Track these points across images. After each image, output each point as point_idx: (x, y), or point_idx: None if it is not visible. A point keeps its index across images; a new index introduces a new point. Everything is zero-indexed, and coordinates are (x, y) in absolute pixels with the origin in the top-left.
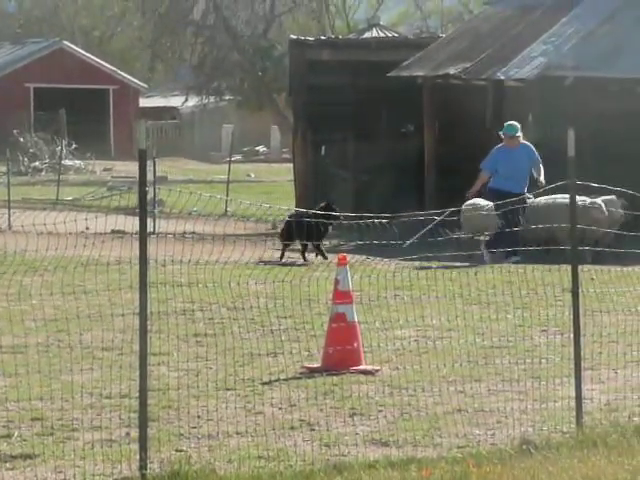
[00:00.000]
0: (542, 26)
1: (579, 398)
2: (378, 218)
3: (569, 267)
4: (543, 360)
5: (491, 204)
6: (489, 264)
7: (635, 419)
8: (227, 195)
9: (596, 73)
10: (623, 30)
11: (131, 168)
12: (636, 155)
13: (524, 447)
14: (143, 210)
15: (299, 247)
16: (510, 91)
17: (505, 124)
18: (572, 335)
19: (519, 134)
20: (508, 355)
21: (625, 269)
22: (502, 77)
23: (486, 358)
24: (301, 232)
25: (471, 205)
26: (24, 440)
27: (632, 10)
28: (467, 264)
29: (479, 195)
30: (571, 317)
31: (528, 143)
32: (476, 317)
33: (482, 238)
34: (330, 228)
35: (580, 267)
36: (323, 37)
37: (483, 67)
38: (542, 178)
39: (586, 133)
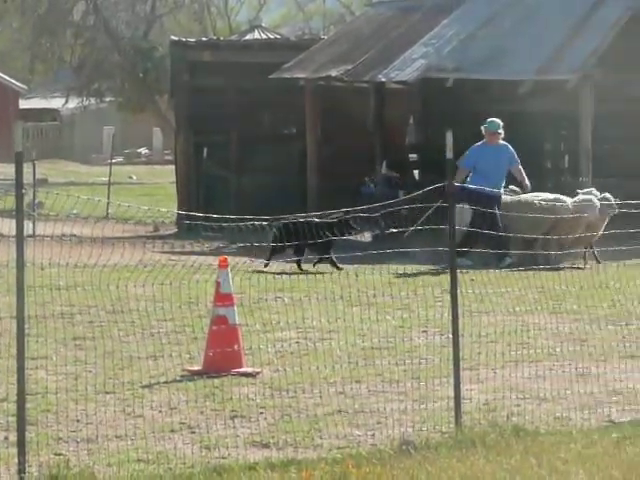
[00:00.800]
0: (423, 28)
1: (458, 398)
2: (258, 220)
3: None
4: (423, 361)
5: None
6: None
7: (513, 419)
8: (108, 197)
9: (476, 75)
10: (503, 32)
11: (9, 170)
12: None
13: (403, 447)
14: (20, 213)
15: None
16: (392, 93)
17: (487, 120)
18: (451, 336)
19: (501, 131)
20: (388, 356)
21: (505, 270)
22: (383, 79)
23: (366, 359)
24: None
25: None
26: None
27: (511, 13)
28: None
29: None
30: (450, 318)
31: (508, 145)
32: (357, 318)
33: None
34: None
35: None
36: (204, 38)
37: (365, 69)
38: (527, 181)
39: (467, 135)
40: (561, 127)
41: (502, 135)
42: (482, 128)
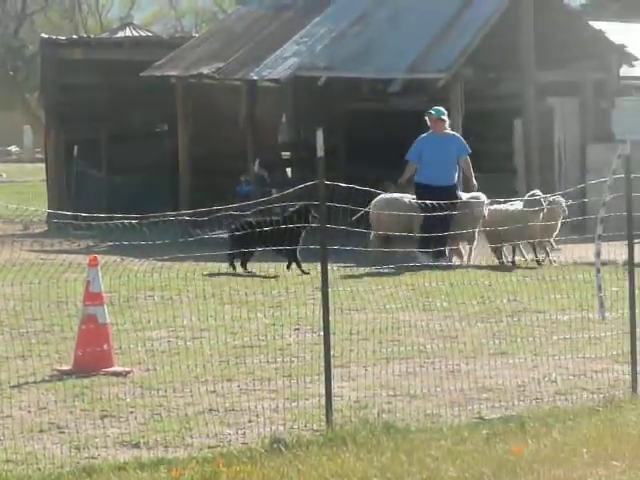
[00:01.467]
0: (295, 26)
1: (329, 396)
2: (127, 219)
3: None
4: (294, 359)
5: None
6: (428, 263)
7: (384, 416)
8: None
9: (347, 73)
10: (374, 30)
11: None
12: (388, 154)
13: (274, 445)
14: None
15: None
16: (264, 91)
17: (432, 108)
18: (322, 333)
19: (445, 118)
20: (260, 354)
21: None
22: (255, 77)
23: (238, 357)
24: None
25: (386, 200)
26: None
27: (382, 11)
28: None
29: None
30: (321, 316)
31: (457, 134)
32: (229, 317)
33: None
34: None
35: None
36: (75, 36)
37: (237, 67)
38: (475, 181)
39: (339, 133)
40: None
41: (447, 123)
42: (426, 118)
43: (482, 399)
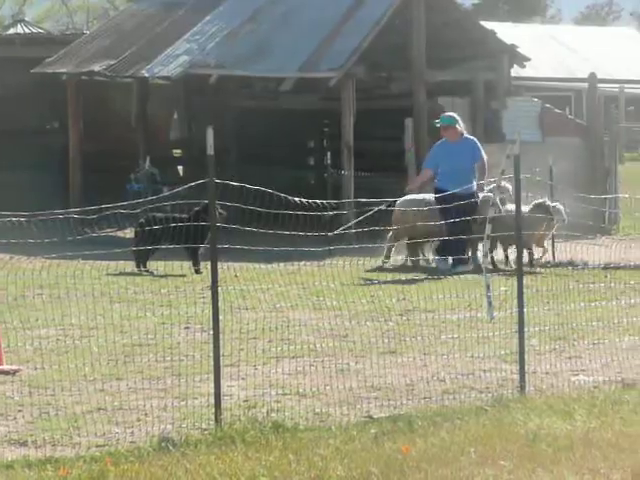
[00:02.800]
0: (186, 24)
1: (218, 395)
2: (16, 216)
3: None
4: (184, 357)
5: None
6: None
7: (273, 415)
8: None
9: (239, 72)
10: (266, 29)
11: None
12: (277, 153)
13: (163, 444)
14: None
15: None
16: (155, 89)
17: (441, 114)
18: (212, 332)
19: (457, 124)
20: (149, 353)
21: (270, 266)
22: (146, 75)
23: (127, 356)
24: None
25: (407, 202)
26: None
27: (274, 10)
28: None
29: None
30: (211, 314)
31: (473, 138)
32: (118, 315)
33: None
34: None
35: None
36: None
37: (128, 64)
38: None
39: (230, 131)
40: (323, 124)
41: (459, 129)
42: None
43: (371, 398)
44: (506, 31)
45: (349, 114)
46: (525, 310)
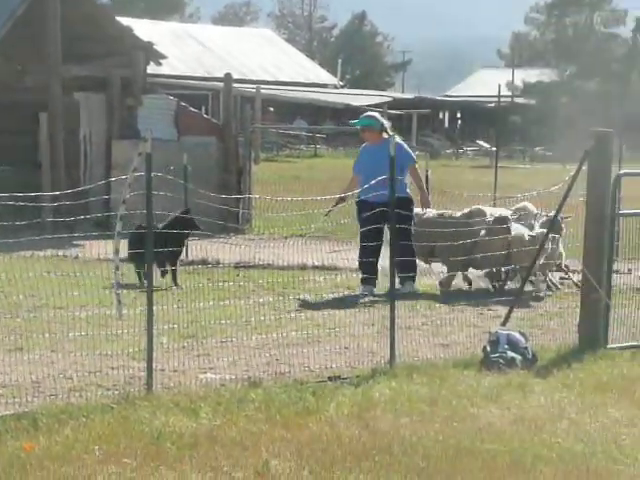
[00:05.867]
0: None
1: None
2: None
3: None
4: None
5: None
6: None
7: None
8: None
9: None
10: None
11: None
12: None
13: None
14: None
15: None
16: None
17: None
18: None
19: (374, 125)
20: None
21: None
22: None
23: None
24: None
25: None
26: None
27: None
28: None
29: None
30: None
31: (398, 140)
32: None
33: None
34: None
35: None
36: None
37: None
38: (427, 194)
39: None
40: None
41: (377, 131)
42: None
43: None
44: (145, 28)
45: None
46: (155, 308)
